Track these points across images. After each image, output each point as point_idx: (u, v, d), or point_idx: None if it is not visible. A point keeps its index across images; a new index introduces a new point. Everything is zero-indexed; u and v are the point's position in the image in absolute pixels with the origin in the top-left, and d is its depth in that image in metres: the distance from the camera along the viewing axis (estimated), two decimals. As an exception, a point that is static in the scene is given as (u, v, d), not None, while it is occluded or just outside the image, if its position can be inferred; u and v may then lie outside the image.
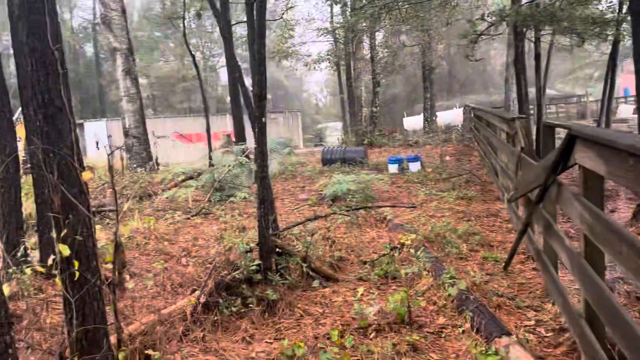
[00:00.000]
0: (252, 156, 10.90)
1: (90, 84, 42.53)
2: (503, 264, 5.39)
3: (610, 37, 11.19)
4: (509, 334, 3.58)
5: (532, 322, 4.03)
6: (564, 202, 3.55)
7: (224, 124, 27.30)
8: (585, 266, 3.01)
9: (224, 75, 45.42)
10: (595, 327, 2.99)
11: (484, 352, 3.42)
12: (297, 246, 5.83)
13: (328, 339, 3.84)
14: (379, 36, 24.23)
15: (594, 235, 2.86)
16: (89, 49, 44.67)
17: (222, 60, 44.14)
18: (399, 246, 6.03)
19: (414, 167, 12.59)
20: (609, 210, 7.36)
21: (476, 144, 14.52)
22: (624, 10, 10.67)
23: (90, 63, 43.30)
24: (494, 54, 48.85)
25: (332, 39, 25.32)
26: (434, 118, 26.24)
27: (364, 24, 19.28)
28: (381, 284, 5.16)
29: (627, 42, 10.59)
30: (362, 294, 4.74)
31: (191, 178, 11.31)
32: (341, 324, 4.14)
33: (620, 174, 2.43)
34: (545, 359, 3.45)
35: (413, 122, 31.12)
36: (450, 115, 27.97)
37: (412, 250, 5.75)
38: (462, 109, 24.69)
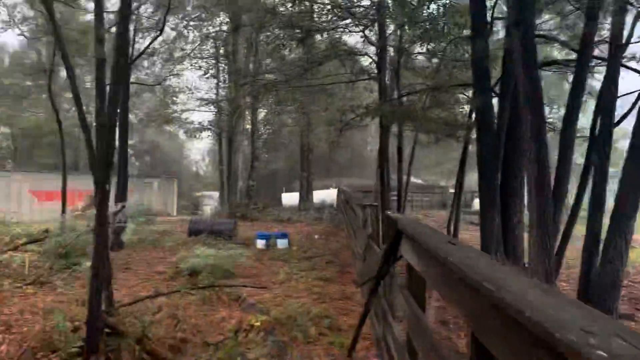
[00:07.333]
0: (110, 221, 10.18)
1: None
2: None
3: (460, 139, 12.50)
4: None
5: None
6: (394, 293, 3.66)
7: (91, 184, 25.57)
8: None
9: (99, 134, 43.08)
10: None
11: None
12: (135, 325, 5.36)
13: None
14: (262, 113, 24.83)
15: (411, 329, 2.94)
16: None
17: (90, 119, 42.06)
18: (247, 328, 5.82)
19: (282, 244, 12.59)
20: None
21: (344, 226, 15.00)
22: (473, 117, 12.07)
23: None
24: (370, 140, 52.19)
25: (216, 110, 25.46)
26: (309, 196, 26.88)
27: (247, 100, 19.69)
28: (223, 369, 4.87)
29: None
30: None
31: (36, 241, 10.22)
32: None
33: (428, 271, 2.54)
34: None
35: (291, 199, 31.64)
36: (325, 196, 28.89)
37: (251, 335, 5.55)
38: (337, 190, 25.65)
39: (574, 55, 9.77)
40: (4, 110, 37.14)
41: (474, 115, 12.04)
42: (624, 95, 8.75)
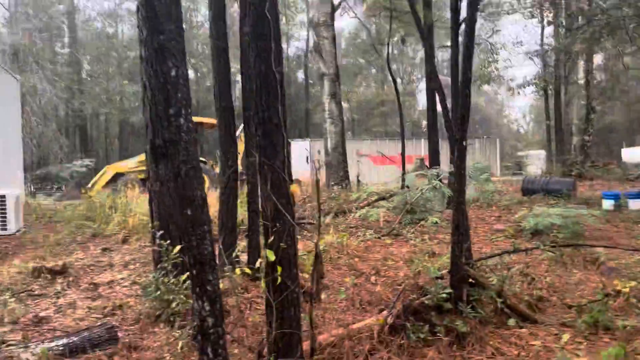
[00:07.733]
0: (445, 181, 10.66)
1: (298, 108, 46.51)
2: None
3: None
4: None
5: None
6: None
7: (417, 148, 27.36)
8: None
9: (421, 100, 45.77)
10: None
11: None
12: (490, 279, 5.47)
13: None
14: (597, 58, 21.92)
15: None
16: (300, 76, 48.94)
17: (421, 86, 44.61)
18: (612, 293, 5.27)
19: (635, 205, 10.98)
20: None
21: None
22: None
23: (300, 88, 47.37)
24: None
25: (541, 63, 23.70)
26: (662, 151, 22.71)
27: (580, 46, 17.63)
28: (589, 333, 4.54)
29: None
30: (566, 342, 4.23)
31: (383, 199, 11.50)
32: (539, 372, 3.74)
33: None
34: None
35: (634, 154, 27.35)
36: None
37: (633, 300, 4.96)
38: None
39: None
40: (343, 87, 42.92)
41: None
42: None
